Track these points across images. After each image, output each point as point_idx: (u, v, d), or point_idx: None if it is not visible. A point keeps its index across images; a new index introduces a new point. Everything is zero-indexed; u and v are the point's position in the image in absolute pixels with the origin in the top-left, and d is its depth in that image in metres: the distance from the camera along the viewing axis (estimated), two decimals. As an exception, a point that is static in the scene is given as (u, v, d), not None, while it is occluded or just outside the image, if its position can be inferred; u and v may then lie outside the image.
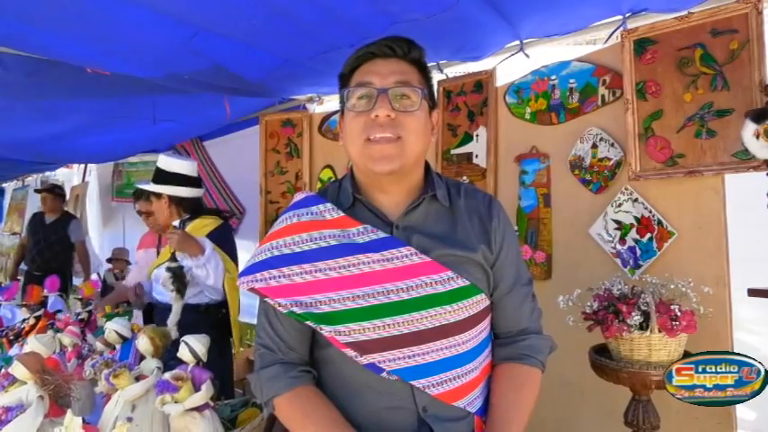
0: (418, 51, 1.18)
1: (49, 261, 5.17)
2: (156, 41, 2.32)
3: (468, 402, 1.15)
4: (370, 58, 1.16)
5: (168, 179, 2.64)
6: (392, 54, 1.15)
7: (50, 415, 1.34)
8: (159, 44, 2.35)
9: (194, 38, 2.23)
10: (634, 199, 2.13)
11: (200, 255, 2.41)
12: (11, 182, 9.18)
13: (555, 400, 2.31)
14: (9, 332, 2.43)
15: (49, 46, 2.38)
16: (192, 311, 2.48)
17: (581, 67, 2.34)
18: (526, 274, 1.26)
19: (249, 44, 2.36)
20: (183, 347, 1.44)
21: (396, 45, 1.15)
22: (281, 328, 1.17)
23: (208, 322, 2.49)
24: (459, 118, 2.77)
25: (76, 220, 5.52)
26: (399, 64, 1.15)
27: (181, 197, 2.65)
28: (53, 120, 3.89)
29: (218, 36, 2.26)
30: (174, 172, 2.65)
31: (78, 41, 2.34)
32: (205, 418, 1.35)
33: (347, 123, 1.15)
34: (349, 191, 1.19)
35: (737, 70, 1.86)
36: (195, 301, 2.54)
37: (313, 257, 1.12)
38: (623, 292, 1.78)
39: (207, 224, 2.65)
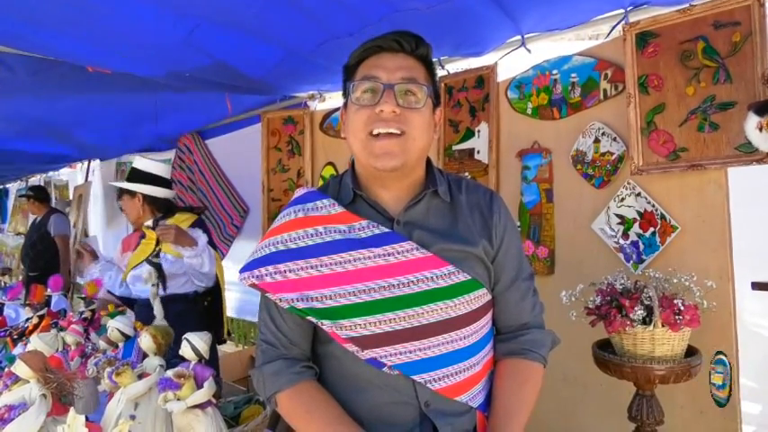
0: (426, 48, 1.17)
1: (35, 260, 5.18)
2: (157, 38, 2.31)
3: (471, 397, 1.15)
4: (377, 52, 1.15)
5: (143, 179, 2.77)
6: (400, 49, 1.14)
7: (53, 413, 1.34)
8: (160, 41, 2.35)
9: (195, 31, 2.22)
10: (637, 193, 2.12)
11: (194, 246, 2.58)
12: (14, 182, 9.22)
13: (558, 395, 2.31)
14: (13, 331, 2.44)
15: (51, 45, 2.39)
16: (180, 301, 2.65)
17: (583, 61, 2.33)
18: (528, 269, 1.25)
19: (249, 35, 2.33)
20: (185, 345, 1.44)
21: (404, 40, 1.14)
22: (283, 324, 1.17)
23: (195, 312, 2.68)
24: (461, 114, 2.77)
25: (58, 215, 5.51)
26: (406, 59, 1.14)
27: (154, 197, 2.78)
28: (56, 117, 3.91)
29: (218, 28, 2.24)
30: (148, 172, 2.78)
31: (79, 40, 2.34)
32: (208, 416, 1.35)
33: (350, 116, 1.15)
34: (349, 186, 1.19)
35: (740, 63, 1.85)
36: (183, 291, 2.70)
37: (314, 253, 1.12)
38: (626, 287, 1.78)
39: (185, 219, 2.80)
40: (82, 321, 2.21)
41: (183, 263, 2.63)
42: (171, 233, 2.49)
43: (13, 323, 2.68)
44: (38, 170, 8.07)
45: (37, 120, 4.02)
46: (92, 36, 2.30)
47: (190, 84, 3.02)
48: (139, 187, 2.76)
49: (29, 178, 8.51)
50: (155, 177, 2.78)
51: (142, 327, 1.91)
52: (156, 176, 2.79)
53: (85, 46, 2.39)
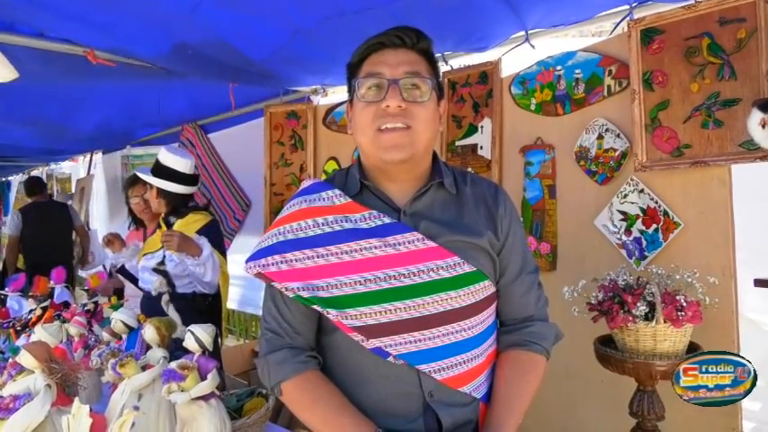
0: (427, 42, 1.18)
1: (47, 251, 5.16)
2: (161, 10, 2.28)
3: (474, 388, 1.16)
4: (380, 48, 1.16)
5: (162, 173, 2.74)
6: (401, 44, 1.15)
7: (58, 403, 1.34)
8: (164, 13, 2.31)
9: (198, 6, 2.19)
10: (640, 190, 2.12)
11: (198, 255, 2.53)
12: (17, 175, 9.23)
13: (559, 390, 2.31)
14: (16, 323, 2.45)
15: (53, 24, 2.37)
16: (180, 300, 2.62)
17: (587, 57, 2.33)
18: (532, 262, 1.26)
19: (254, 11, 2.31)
20: (189, 337, 1.45)
21: (405, 35, 1.15)
22: (289, 313, 1.18)
23: (196, 310, 2.64)
24: (464, 109, 2.77)
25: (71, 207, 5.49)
26: (408, 54, 1.15)
27: (167, 191, 2.74)
28: (59, 109, 3.91)
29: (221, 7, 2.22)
30: (168, 167, 2.74)
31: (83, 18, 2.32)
32: (211, 407, 1.36)
33: (357, 113, 1.16)
34: (357, 177, 1.20)
35: (745, 59, 1.85)
36: (183, 291, 2.67)
37: (320, 242, 1.13)
38: (628, 283, 1.78)
39: (197, 219, 2.75)
40: (85, 313, 2.21)
41: (188, 267, 2.61)
42: (174, 241, 2.46)
43: (16, 315, 2.69)
44: (40, 162, 8.09)
45: (39, 111, 4.03)
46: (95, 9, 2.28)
47: (192, 67, 2.99)
48: (153, 181, 2.74)
49: (31, 171, 8.52)
50: (171, 171, 2.73)
51: (145, 319, 1.92)
52: (172, 171, 2.74)
53: (89, 24, 2.37)
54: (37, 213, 5.26)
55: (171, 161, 2.75)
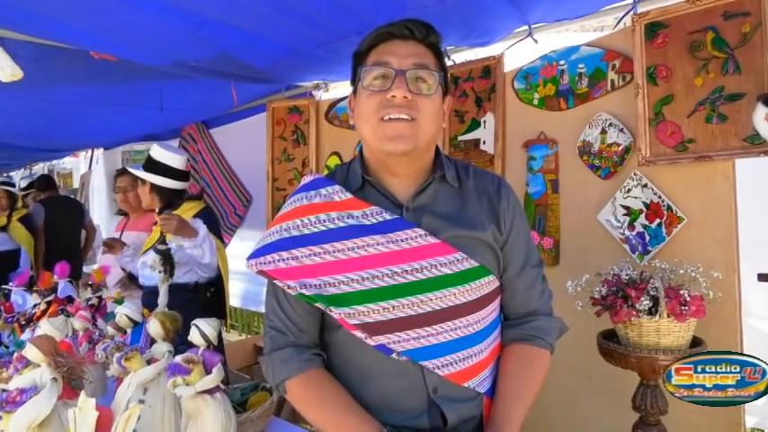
0: (436, 36, 1.17)
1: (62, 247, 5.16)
2: (163, 30, 2.31)
3: (478, 383, 1.15)
4: (388, 39, 1.15)
5: (154, 168, 2.79)
6: (410, 36, 1.14)
7: (64, 397, 1.35)
8: (166, 33, 2.35)
9: (201, 27, 2.22)
10: (643, 184, 2.12)
11: (195, 236, 2.60)
12: (18, 170, 9.23)
13: (562, 385, 2.31)
14: (20, 317, 2.45)
15: (55, 31, 2.38)
16: (181, 291, 2.61)
17: (590, 51, 2.32)
18: (536, 256, 1.25)
19: (255, 34, 2.36)
20: (194, 331, 1.45)
21: (415, 27, 1.14)
22: (292, 311, 1.17)
23: (198, 302, 2.68)
24: (467, 104, 2.76)
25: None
26: (417, 47, 1.14)
27: (161, 186, 2.80)
28: (61, 105, 3.91)
29: (224, 26, 2.25)
30: (162, 162, 2.79)
31: (85, 29, 2.33)
32: (216, 401, 1.36)
33: (361, 102, 1.14)
34: (358, 172, 1.19)
35: (749, 54, 1.84)
36: (184, 280, 2.70)
37: (321, 239, 1.12)
38: (632, 278, 1.78)
39: (192, 207, 2.82)
40: (89, 308, 2.22)
41: (185, 252, 2.64)
42: (172, 224, 2.51)
43: (20, 309, 2.69)
44: (41, 158, 8.08)
45: (39, 107, 4.02)
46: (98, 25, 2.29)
47: (195, 73, 3.02)
48: (147, 176, 2.79)
49: (32, 166, 8.52)
50: (166, 167, 2.79)
51: (149, 313, 1.92)
52: (166, 167, 2.79)
53: (91, 33, 2.39)
54: (55, 206, 5.30)
55: (165, 157, 2.80)
